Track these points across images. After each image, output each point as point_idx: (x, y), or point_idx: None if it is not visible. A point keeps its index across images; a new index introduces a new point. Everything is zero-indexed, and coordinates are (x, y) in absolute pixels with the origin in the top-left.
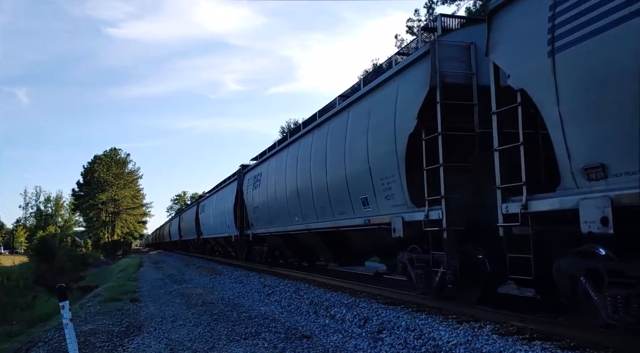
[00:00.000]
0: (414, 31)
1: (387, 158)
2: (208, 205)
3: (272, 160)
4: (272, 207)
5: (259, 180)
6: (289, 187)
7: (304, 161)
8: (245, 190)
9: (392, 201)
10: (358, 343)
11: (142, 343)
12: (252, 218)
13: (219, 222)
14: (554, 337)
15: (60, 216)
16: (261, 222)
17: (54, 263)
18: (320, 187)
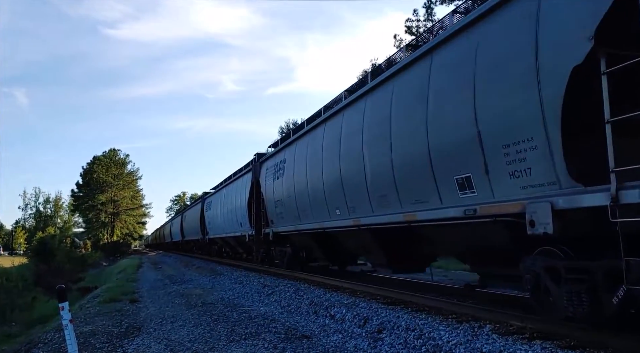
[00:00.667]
0: (413, 31)
1: (517, 114)
2: (215, 201)
3: (300, 142)
4: (302, 200)
5: (281, 169)
6: (327, 173)
7: (351, 138)
8: (263, 181)
9: (524, 179)
10: (358, 343)
11: (142, 344)
12: (272, 214)
13: (229, 220)
14: (553, 337)
15: (59, 217)
16: (285, 218)
17: (54, 264)
18: (379, 169)
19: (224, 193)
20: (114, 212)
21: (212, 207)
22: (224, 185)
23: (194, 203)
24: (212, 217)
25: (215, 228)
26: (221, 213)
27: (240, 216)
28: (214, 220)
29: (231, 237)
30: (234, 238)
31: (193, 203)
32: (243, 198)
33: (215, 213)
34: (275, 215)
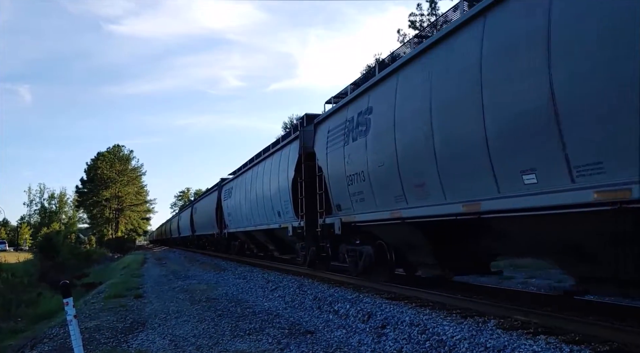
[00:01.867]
0: (417, 26)
1: None
2: (238, 187)
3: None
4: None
5: (364, 124)
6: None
7: None
8: (323, 151)
9: None
10: (362, 338)
11: (147, 339)
12: (340, 196)
13: (259, 209)
14: (558, 331)
15: (64, 213)
16: (367, 201)
17: (58, 260)
18: None
19: (251, 176)
20: (118, 208)
21: (232, 194)
22: (251, 166)
23: (207, 192)
24: (234, 206)
25: (237, 220)
26: (247, 202)
27: (278, 203)
28: (235, 210)
29: (261, 230)
30: (265, 232)
31: (206, 192)
32: (284, 178)
33: (237, 202)
34: (348, 198)
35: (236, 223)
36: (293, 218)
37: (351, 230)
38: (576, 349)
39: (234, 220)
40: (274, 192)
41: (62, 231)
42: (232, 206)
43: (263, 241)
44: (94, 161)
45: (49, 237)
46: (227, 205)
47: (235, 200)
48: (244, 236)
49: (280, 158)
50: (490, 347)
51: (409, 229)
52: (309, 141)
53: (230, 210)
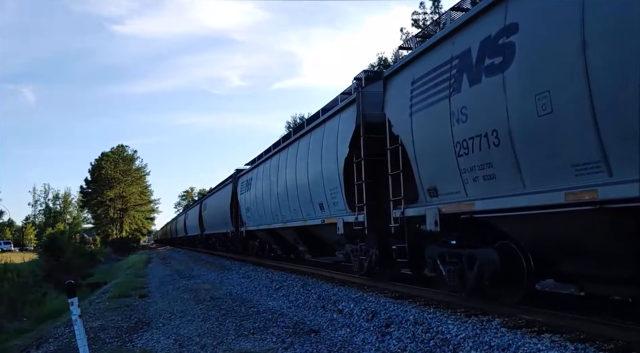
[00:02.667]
0: (420, 24)
1: None
2: (260, 177)
3: None
4: None
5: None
6: None
7: None
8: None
9: None
10: (366, 337)
11: (151, 339)
12: (439, 176)
13: (293, 201)
14: (562, 330)
15: (68, 213)
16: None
17: (63, 260)
18: None
19: (278, 163)
20: (123, 207)
21: (252, 186)
22: (277, 151)
23: (219, 186)
24: (254, 200)
25: (258, 216)
26: (272, 194)
27: (320, 192)
28: (256, 205)
29: (293, 228)
30: (297, 230)
31: (217, 187)
32: (331, 159)
33: (259, 195)
34: (457, 175)
35: (257, 220)
36: (345, 212)
37: (454, 226)
38: (581, 347)
39: (253, 216)
40: (314, 179)
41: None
42: (251, 200)
43: (292, 241)
44: (98, 161)
45: (54, 237)
46: (245, 200)
47: (255, 193)
48: (266, 235)
49: (323, 134)
50: (494, 346)
51: (604, 221)
52: (372, 106)
53: (249, 205)
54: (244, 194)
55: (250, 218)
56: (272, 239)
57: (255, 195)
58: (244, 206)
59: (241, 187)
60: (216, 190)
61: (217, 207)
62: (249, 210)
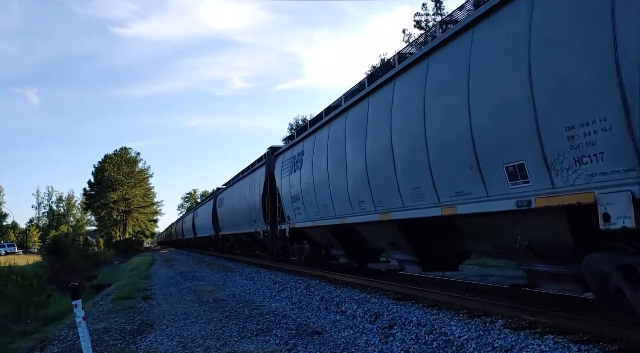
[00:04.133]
0: (422, 26)
1: None
2: (227, 198)
3: None
4: None
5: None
6: None
7: None
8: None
9: None
10: (369, 338)
11: (155, 341)
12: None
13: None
14: (566, 331)
15: (72, 215)
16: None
17: (67, 262)
18: None
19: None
20: (126, 210)
21: (224, 203)
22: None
23: (205, 199)
24: (224, 213)
25: (227, 224)
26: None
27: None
28: (225, 216)
29: (244, 233)
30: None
31: (205, 200)
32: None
33: (227, 210)
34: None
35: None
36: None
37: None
38: (584, 348)
39: (225, 224)
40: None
41: (70, 233)
42: (223, 213)
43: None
44: (102, 163)
45: (58, 239)
46: (220, 212)
47: (225, 208)
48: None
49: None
50: (497, 347)
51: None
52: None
53: (222, 216)
54: (220, 208)
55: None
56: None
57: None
58: (220, 217)
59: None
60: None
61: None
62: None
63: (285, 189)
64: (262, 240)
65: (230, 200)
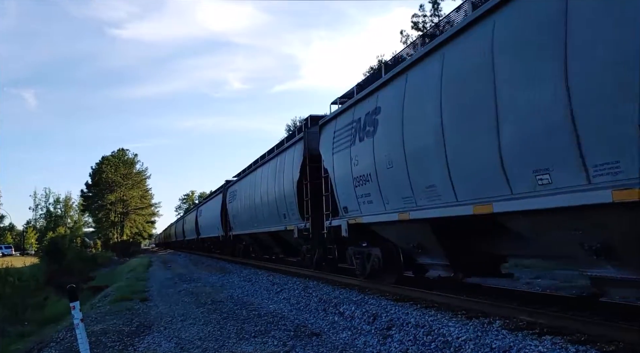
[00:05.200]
0: (420, 27)
1: None
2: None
3: None
4: None
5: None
6: None
7: None
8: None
9: None
10: (367, 340)
11: (153, 343)
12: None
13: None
14: (564, 331)
15: (69, 217)
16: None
17: (64, 264)
18: None
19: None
20: (124, 211)
21: (237, 197)
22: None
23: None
24: (238, 209)
25: (242, 222)
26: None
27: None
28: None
29: (266, 232)
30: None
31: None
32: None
33: (242, 205)
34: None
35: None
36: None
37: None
38: (582, 349)
39: (238, 222)
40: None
41: (67, 235)
42: (236, 208)
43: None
44: (99, 165)
45: (55, 241)
46: (232, 208)
47: (239, 202)
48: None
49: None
50: (495, 348)
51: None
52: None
53: (235, 213)
54: (232, 203)
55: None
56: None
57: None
58: (231, 213)
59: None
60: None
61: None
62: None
63: (340, 169)
64: (294, 242)
65: (246, 193)
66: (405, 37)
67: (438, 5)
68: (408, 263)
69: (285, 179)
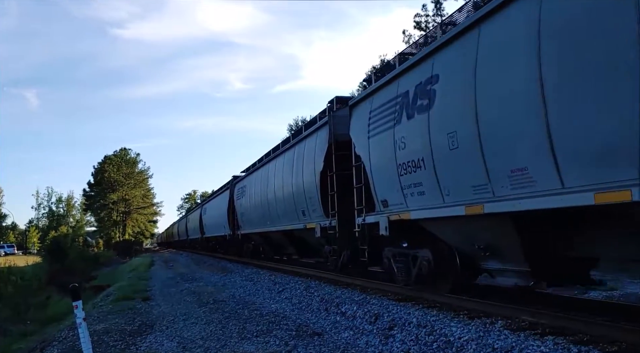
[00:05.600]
0: (422, 27)
1: None
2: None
3: None
4: None
5: None
6: None
7: None
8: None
9: None
10: (369, 340)
11: (155, 342)
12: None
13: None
14: (566, 332)
15: (71, 216)
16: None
17: (67, 263)
18: None
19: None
20: (126, 210)
21: (246, 192)
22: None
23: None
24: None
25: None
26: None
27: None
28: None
29: (280, 231)
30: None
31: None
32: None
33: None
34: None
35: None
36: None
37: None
38: (584, 350)
39: (247, 220)
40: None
41: (70, 234)
42: (245, 206)
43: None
44: (101, 164)
45: (57, 240)
46: (241, 205)
47: (249, 199)
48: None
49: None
50: (498, 348)
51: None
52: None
53: (243, 210)
54: (240, 200)
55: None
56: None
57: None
58: (240, 211)
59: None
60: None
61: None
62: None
63: (379, 156)
64: (314, 242)
65: (256, 189)
66: (408, 37)
67: (441, 5)
68: (466, 268)
69: (305, 171)
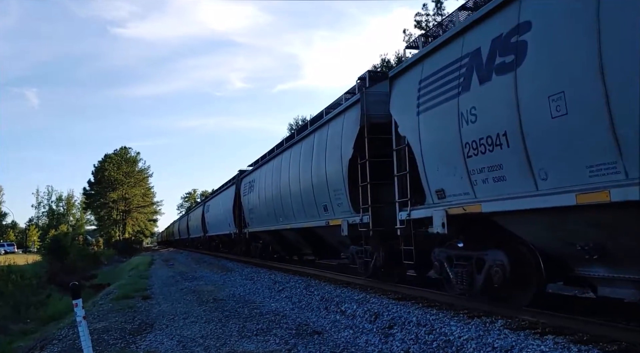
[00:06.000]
0: (423, 26)
1: None
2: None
3: None
4: None
5: None
6: None
7: None
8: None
9: None
10: (369, 338)
11: (155, 340)
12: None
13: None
14: (566, 331)
15: (72, 215)
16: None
17: (67, 262)
18: None
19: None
20: (126, 209)
21: (255, 187)
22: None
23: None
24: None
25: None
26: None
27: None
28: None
29: (295, 229)
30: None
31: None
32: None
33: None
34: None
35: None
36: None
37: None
38: (584, 349)
39: (256, 217)
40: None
41: (70, 233)
42: (253, 201)
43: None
44: (101, 163)
45: (57, 238)
46: (248, 201)
47: (257, 194)
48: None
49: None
50: (497, 347)
51: None
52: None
53: (251, 206)
54: (247, 196)
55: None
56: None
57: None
58: (247, 207)
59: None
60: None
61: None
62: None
63: (434, 134)
64: (338, 240)
65: (267, 183)
66: (409, 36)
67: (441, 4)
68: (553, 275)
69: (329, 159)
